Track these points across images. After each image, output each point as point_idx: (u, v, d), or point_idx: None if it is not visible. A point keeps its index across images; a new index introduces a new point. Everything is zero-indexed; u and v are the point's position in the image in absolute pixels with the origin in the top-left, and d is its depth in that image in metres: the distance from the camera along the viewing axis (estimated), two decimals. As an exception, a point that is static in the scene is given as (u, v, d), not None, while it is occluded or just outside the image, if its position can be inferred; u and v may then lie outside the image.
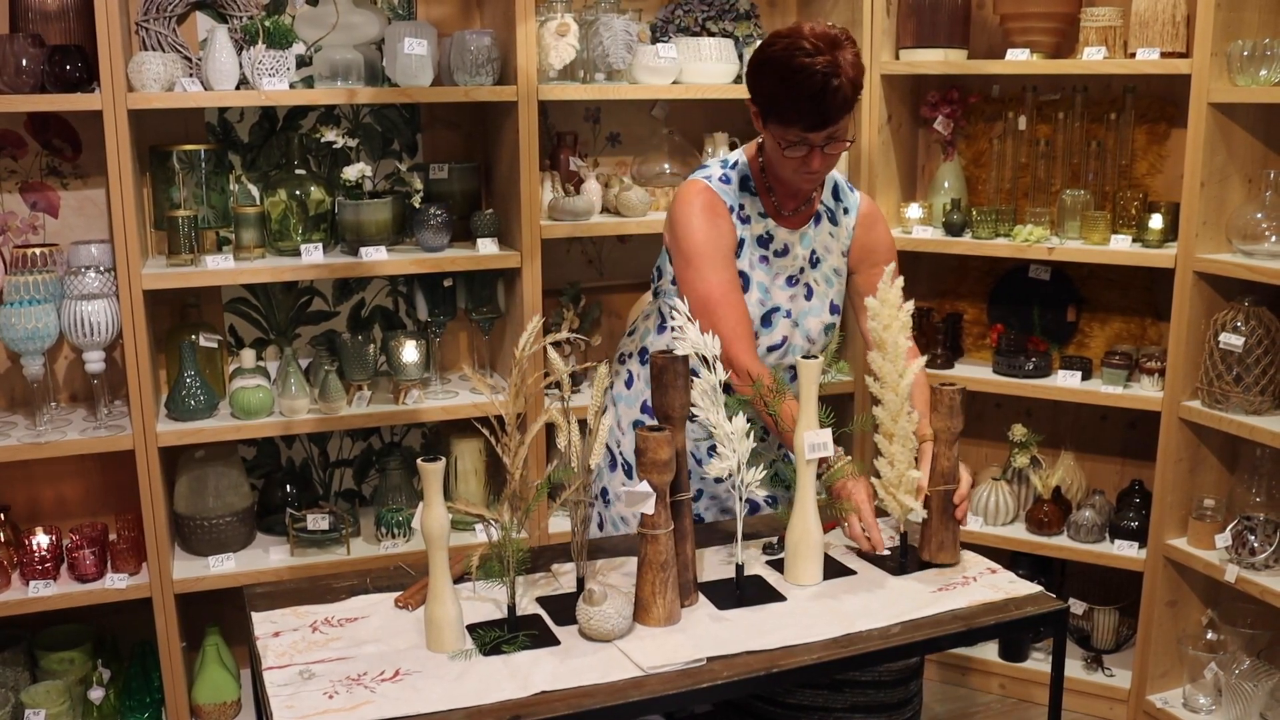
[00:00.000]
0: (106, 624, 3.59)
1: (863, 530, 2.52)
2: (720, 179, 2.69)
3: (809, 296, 2.75)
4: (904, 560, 2.58)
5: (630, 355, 2.90)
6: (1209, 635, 3.61)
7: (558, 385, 2.31)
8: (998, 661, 3.99)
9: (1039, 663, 3.92)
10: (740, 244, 2.68)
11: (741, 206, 2.68)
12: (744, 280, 2.68)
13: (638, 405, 2.84)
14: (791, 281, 2.72)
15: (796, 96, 2.46)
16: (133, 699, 3.47)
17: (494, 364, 3.83)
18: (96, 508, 3.61)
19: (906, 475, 2.49)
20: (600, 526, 2.94)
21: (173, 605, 3.35)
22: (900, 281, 2.50)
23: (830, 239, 2.77)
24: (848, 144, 2.58)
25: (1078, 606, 3.84)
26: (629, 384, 2.87)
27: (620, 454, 2.87)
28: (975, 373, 3.88)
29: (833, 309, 2.78)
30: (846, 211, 2.80)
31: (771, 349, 2.72)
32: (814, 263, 2.75)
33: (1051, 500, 3.81)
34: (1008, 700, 3.95)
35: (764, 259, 2.69)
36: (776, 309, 2.71)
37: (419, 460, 2.16)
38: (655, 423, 2.32)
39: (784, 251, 2.71)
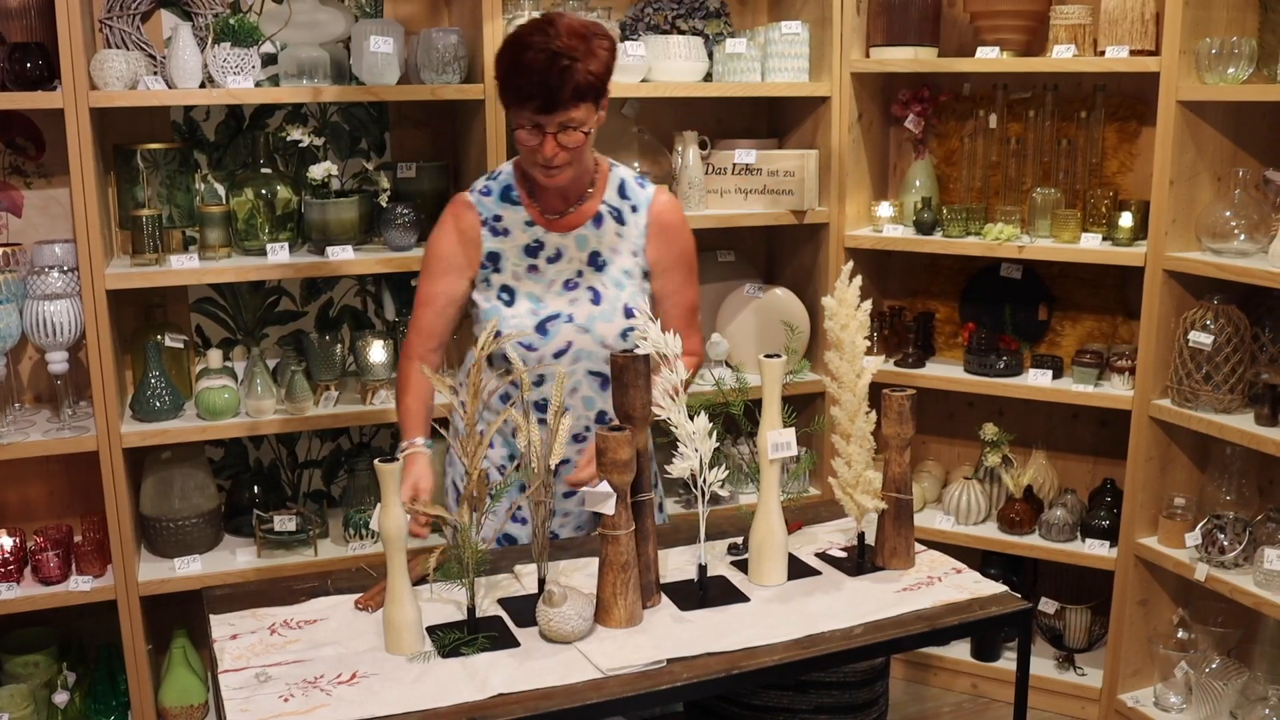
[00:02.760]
0: (72, 627, 3.56)
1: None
2: (481, 190, 2.67)
3: (596, 301, 2.65)
4: (861, 561, 2.57)
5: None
6: (1180, 634, 3.61)
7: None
8: (970, 661, 3.98)
9: (1011, 662, 3.92)
10: (496, 257, 2.63)
11: (499, 218, 2.64)
12: (510, 295, 2.63)
13: None
14: (570, 285, 2.64)
15: (526, 72, 2.41)
16: (98, 702, 3.45)
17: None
18: (61, 509, 3.57)
19: (864, 476, 2.48)
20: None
21: (138, 608, 3.32)
22: (858, 281, 2.49)
23: (617, 239, 2.67)
24: (585, 134, 2.50)
25: (1049, 605, 3.83)
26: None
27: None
28: (947, 372, 3.88)
29: (628, 313, 2.64)
30: (635, 209, 2.69)
31: (557, 354, 2.62)
32: (599, 266, 2.66)
33: (1023, 499, 3.81)
34: (980, 700, 3.94)
35: (533, 268, 2.63)
36: (555, 316, 2.63)
37: (376, 461, 2.14)
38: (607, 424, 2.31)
39: (557, 256, 2.64)
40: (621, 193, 2.69)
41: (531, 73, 2.41)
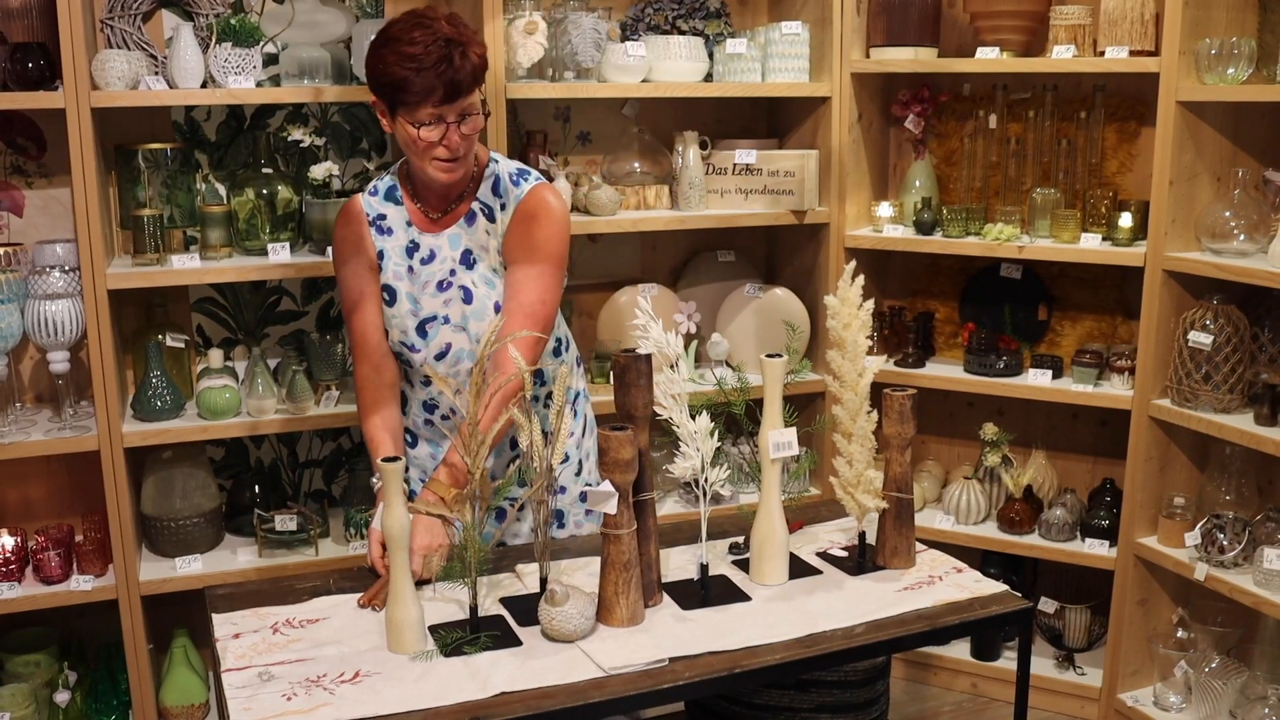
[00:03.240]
0: (73, 626, 3.56)
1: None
2: (370, 191, 2.69)
3: (468, 300, 2.63)
4: (862, 560, 2.57)
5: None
6: (1179, 633, 3.62)
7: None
8: (970, 660, 3.99)
9: (1011, 661, 3.92)
10: (382, 256, 2.65)
11: (383, 216, 2.66)
12: (391, 295, 2.64)
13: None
14: (443, 286, 2.63)
15: (424, 67, 2.41)
16: (99, 701, 3.45)
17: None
18: (62, 509, 3.58)
19: (864, 475, 2.48)
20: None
21: (139, 607, 3.33)
22: (860, 280, 2.49)
23: (487, 237, 2.64)
24: (483, 118, 2.53)
25: (1049, 605, 3.84)
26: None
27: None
28: (947, 371, 3.88)
29: (498, 308, 2.62)
30: (504, 208, 2.63)
31: (439, 357, 2.63)
32: (470, 264, 2.64)
33: (1023, 499, 3.81)
34: (979, 699, 3.95)
35: (410, 269, 2.64)
36: (432, 318, 2.63)
37: (379, 460, 2.14)
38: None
39: (430, 257, 2.64)
40: (495, 189, 2.64)
41: (430, 65, 2.41)
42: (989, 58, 3.63)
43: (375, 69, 2.48)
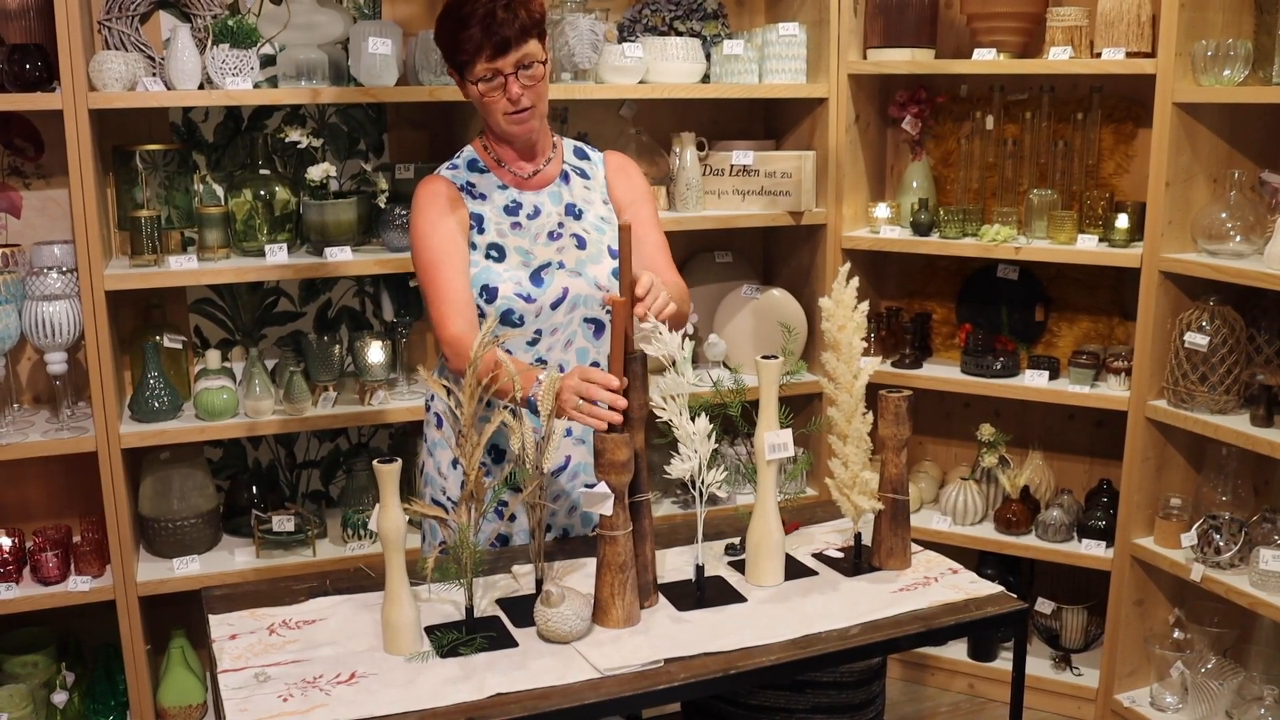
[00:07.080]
0: (70, 627, 3.57)
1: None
2: (448, 167, 2.72)
3: (582, 246, 2.68)
4: (857, 561, 2.58)
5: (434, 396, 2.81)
6: (1176, 634, 3.62)
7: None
8: (966, 661, 3.99)
9: (1008, 662, 3.92)
10: (480, 219, 2.65)
11: (472, 184, 2.67)
12: (499, 251, 2.63)
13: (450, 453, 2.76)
14: (554, 236, 2.68)
15: (469, 25, 2.48)
16: (97, 702, 3.45)
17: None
18: (60, 509, 3.58)
19: (860, 476, 2.49)
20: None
21: (136, 608, 3.33)
22: (855, 282, 2.49)
23: (587, 191, 2.75)
24: (544, 66, 2.57)
25: (1046, 606, 3.84)
26: (439, 425, 2.79)
27: (447, 498, 2.77)
28: (944, 372, 3.88)
29: (613, 253, 2.69)
30: (593, 163, 2.80)
31: (555, 304, 2.63)
32: (577, 215, 2.71)
33: (1020, 500, 3.82)
34: (976, 700, 3.95)
35: (516, 225, 2.67)
36: (546, 264, 2.65)
37: (374, 462, 2.15)
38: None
39: (536, 213, 2.69)
40: (578, 154, 2.79)
41: (478, 21, 2.47)
42: (986, 59, 3.63)
43: (436, 33, 2.59)
